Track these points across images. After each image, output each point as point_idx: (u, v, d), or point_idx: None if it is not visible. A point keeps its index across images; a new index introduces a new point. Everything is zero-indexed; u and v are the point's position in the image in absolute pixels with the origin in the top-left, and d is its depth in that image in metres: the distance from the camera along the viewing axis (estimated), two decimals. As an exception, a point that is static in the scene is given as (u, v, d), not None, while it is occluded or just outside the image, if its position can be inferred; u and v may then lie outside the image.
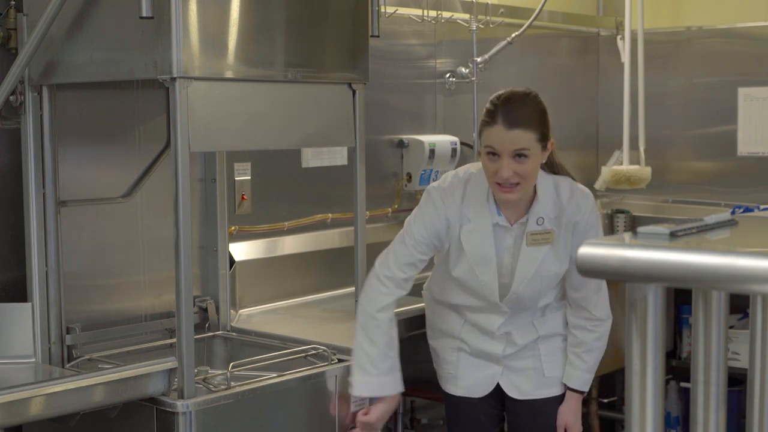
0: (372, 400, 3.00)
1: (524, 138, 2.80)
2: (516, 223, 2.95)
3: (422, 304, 3.65)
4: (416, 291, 4.04)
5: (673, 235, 1.40)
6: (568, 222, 2.95)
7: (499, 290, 2.98)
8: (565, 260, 2.96)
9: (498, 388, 3.09)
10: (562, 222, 2.95)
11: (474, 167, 3.00)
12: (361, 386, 2.94)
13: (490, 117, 2.84)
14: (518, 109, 2.83)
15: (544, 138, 2.85)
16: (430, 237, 2.98)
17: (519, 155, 2.81)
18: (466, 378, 3.10)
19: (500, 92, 2.91)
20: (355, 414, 3.00)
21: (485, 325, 3.05)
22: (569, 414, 3.07)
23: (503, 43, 4.54)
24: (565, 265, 2.96)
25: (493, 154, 2.82)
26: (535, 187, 2.93)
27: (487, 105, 2.89)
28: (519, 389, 3.08)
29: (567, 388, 3.08)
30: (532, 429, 3.12)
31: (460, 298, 3.06)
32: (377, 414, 2.98)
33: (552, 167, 3.00)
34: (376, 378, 2.94)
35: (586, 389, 3.10)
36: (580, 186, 3.03)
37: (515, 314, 3.02)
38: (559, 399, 3.09)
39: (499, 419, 3.18)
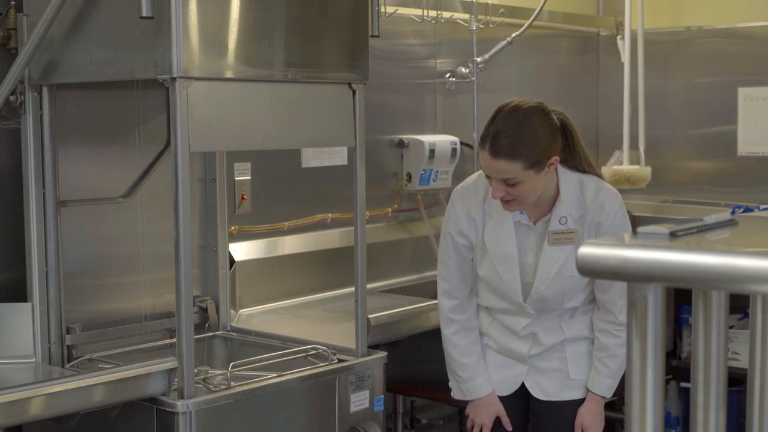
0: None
1: (509, 168, 2.78)
2: (539, 221, 2.95)
3: (423, 305, 3.65)
4: (418, 292, 4.05)
5: (673, 235, 1.40)
6: (591, 222, 2.92)
7: (522, 290, 2.96)
8: None
9: (523, 389, 3.07)
10: (585, 222, 2.92)
11: None
12: (454, 391, 3.12)
13: (482, 139, 2.83)
14: (506, 137, 2.78)
15: (536, 164, 2.79)
16: (455, 236, 3.00)
17: (508, 183, 2.80)
18: (491, 376, 3.08)
19: (505, 105, 2.86)
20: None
21: (512, 325, 3.03)
22: (587, 415, 3.03)
23: (503, 43, 4.55)
24: None
25: (487, 175, 2.85)
26: (558, 185, 2.91)
27: (489, 119, 2.86)
28: (543, 390, 3.04)
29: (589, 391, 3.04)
30: (555, 431, 3.08)
31: (487, 299, 3.05)
32: (473, 413, 3.09)
33: (576, 167, 2.95)
34: (462, 384, 3.07)
35: (609, 395, 3.03)
36: (608, 186, 2.98)
37: (541, 315, 3.00)
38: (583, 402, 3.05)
39: (522, 420, 3.13)
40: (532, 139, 2.79)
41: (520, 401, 3.09)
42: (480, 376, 3.05)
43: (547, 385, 3.05)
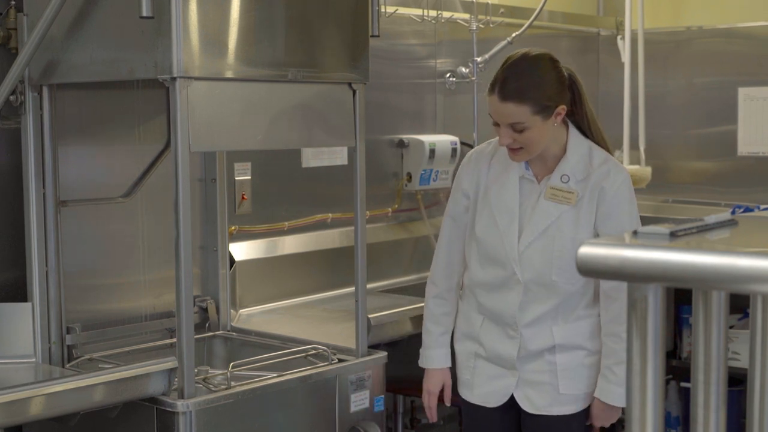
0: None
1: (517, 112, 2.80)
2: (543, 179, 2.94)
3: (423, 305, 3.65)
4: (418, 292, 4.05)
5: (673, 235, 1.40)
6: (594, 186, 2.89)
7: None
8: (585, 229, 2.88)
9: (513, 402, 3.00)
10: (588, 185, 2.90)
11: None
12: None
13: (491, 85, 2.87)
14: (516, 80, 2.82)
15: (544, 109, 2.82)
16: (459, 199, 3.05)
17: (516, 129, 2.83)
18: (481, 386, 3.04)
19: (514, 53, 2.91)
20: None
21: (502, 310, 2.95)
22: (595, 409, 2.96)
23: (503, 43, 4.54)
24: (584, 234, 2.87)
25: (495, 123, 2.87)
26: (566, 145, 2.93)
27: (499, 68, 2.90)
28: (533, 403, 2.98)
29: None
30: None
31: (479, 271, 2.99)
32: (424, 381, 3.14)
33: (586, 133, 2.97)
34: (423, 351, 3.14)
35: (622, 404, 2.90)
36: (617, 161, 2.99)
37: (532, 297, 2.91)
38: (576, 417, 2.98)
39: None
40: (540, 84, 2.83)
41: (510, 415, 3.03)
42: (440, 348, 3.10)
43: (537, 398, 2.97)
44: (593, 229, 2.91)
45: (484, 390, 3.03)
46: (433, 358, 3.11)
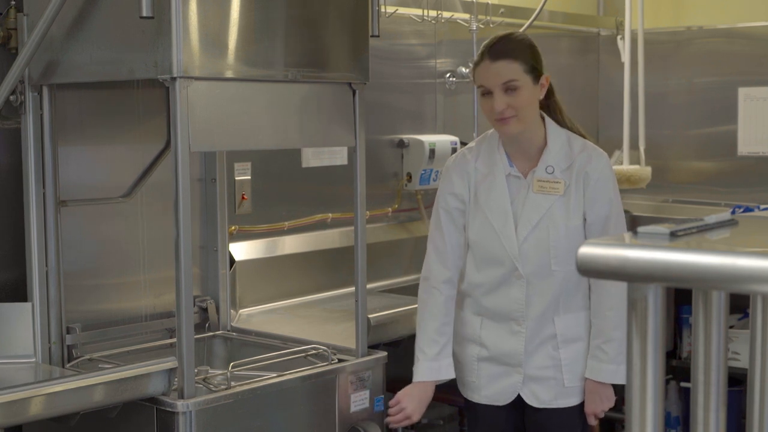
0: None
1: (510, 69, 2.87)
2: (529, 174, 2.97)
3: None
4: (417, 292, 4.05)
5: (673, 235, 1.40)
6: (579, 172, 2.94)
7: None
8: (576, 215, 2.94)
9: (518, 399, 3.03)
10: (573, 172, 2.95)
11: (491, 130, 3.05)
12: (415, 372, 3.04)
13: (479, 57, 2.94)
14: (503, 43, 2.92)
15: (533, 70, 2.90)
16: (449, 198, 3.03)
17: (509, 88, 2.87)
18: (488, 387, 3.05)
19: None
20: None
21: (507, 307, 2.98)
22: (589, 395, 2.99)
23: (503, 43, 4.54)
24: (575, 220, 2.93)
25: (486, 92, 2.90)
26: (546, 136, 2.97)
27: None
28: (538, 398, 3.01)
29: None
30: None
31: (476, 275, 3.01)
32: (407, 398, 3.03)
33: (560, 122, 3.02)
34: (422, 363, 3.03)
35: (616, 381, 2.96)
36: (594, 145, 3.04)
37: (533, 290, 2.94)
38: (580, 407, 3.02)
39: (518, 430, 3.11)
40: (527, 47, 2.94)
41: (516, 411, 3.06)
42: (445, 358, 3.04)
43: (542, 393, 3.01)
44: (583, 213, 2.96)
45: (491, 391, 3.05)
46: (434, 369, 3.03)
